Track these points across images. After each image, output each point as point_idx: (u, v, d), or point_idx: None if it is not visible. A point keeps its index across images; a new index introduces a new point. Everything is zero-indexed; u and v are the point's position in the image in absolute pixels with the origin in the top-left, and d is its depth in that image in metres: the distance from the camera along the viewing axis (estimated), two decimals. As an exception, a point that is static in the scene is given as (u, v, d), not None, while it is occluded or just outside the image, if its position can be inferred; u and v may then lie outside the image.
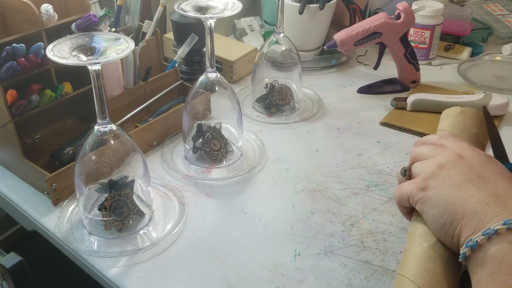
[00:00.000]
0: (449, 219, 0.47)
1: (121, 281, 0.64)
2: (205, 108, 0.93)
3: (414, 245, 0.50)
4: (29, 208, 0.76)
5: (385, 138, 0.93)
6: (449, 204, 0.47)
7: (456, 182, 0.48)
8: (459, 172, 0.49)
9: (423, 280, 0.47)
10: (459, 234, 0.46)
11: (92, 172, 0.70)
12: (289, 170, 0.85)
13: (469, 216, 0.45)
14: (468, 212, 0.46)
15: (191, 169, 0.85)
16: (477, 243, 0.44)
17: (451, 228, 0.47)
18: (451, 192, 0.48)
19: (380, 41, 1.03)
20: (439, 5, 1.15)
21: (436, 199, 0.48)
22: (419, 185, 0.50)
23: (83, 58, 0.60)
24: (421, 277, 0.47)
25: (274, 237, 0.71)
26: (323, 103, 1.05)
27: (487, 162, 0.50)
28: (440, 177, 0.49)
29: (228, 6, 0.77)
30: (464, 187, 0.47)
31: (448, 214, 0.47)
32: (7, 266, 0.75)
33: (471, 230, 0.45)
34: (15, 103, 0.74)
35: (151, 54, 1.00)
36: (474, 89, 1.10)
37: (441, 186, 0.48)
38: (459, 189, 0.47)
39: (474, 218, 0.45)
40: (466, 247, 0.45)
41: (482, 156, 0.51)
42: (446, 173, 0.49)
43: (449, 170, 0.49)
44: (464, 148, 0.52)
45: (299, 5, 1.10)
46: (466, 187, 0.47)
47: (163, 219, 0.74)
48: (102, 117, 0.66)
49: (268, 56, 1.00)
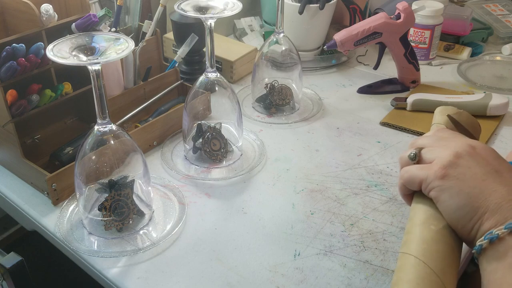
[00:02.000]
0: (470, 213, 0.47)
1: (121, 281, 0.64)
2: (205, 108, 0.93)
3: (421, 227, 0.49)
4: (29, 208, 0.76)
5: (385, 138, 0.93)
6: (472, 197, 0.47)
7: (477, 174, 0.48)
8: (477, 163, 0.49)
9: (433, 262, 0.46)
10: (478, 228, 0.46)
11: (92, 172, 0.70)
12: (289, 170, 0.85)
13: (492, 211, 0.46)
14: (492, 207, 0.46)
15: (191, 169, 0.85)
16: (497, 236, 0.44)
17: (471, 221, 0.47)
18: (473, 185, 0.47)
19: (380, 41, 1.03)
20: (439, 5, 1.15)
21: (457, 189, 0.48)
22: (438, 172, 0.49)
23: (83, 58, 0.60)
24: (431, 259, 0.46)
25: (274, 237, 0.71)
26: (323, 103, 1.05)
27: (497, 156, 0.50)
28: (460, 167, 0.49)
29: (228, 6, 0.77)
30: (486, 181, 0.47)
31: (470, 207, 0.47)
32: (7, 266, 0.75)
33: (492, 224, 0.45)
34: (15, 103, 0.74)
35: (151, 54, 1.00)
36: (474, 89, 1.10)
37: (462, 177, 0.48)
38: (481, 182, 0.47)
39: (497, 213, 0.45)
40: (485, 239, 0.45)
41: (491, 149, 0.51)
42: (465, 163, 0.49)
43: (467, 161, 0.49)
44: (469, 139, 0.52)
45: (299, 5, 1.10)
46: (488, 181, 0.47)
47: (163, 219, 0.74)
48: (102, 117, 0.66)
49: (268, 56, 1.00)
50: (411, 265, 0.46)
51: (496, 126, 0.95)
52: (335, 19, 1.21)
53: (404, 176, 0.53)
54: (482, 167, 0.48)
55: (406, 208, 0.75)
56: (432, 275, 0.45)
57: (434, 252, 0.47)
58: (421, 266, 0.46)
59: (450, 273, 0.46)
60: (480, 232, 0.46)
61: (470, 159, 0.49)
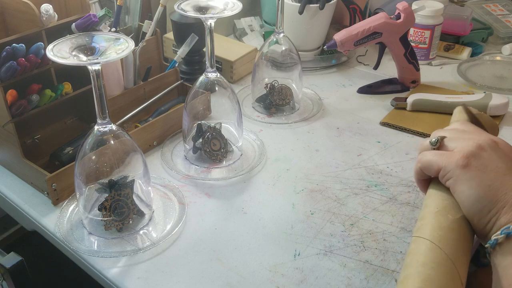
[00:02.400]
0: (489, 205, 0.46)
1: (121, 281, 0.64)
2: (205, 108, 0.93)
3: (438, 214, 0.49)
4: (29, 208, 0.76)
5: (385, 138, 0.93)
6: (492, 190, 0.47)
7: (499, 168, 0.48)
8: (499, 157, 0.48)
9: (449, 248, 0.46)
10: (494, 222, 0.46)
11: (92, 172, 0.70)
12: (289, 170, 0.85)
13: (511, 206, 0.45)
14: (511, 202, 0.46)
15: (191, 169, 0.85)
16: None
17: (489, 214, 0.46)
18: (495, 178, 0.47)
19: (380, 41, 1.03)
20: (439, 5, 1.15)
21: (478, 181, 0.47)
22: (459, 161, 0.48)
23: (83, 58, 0.60)
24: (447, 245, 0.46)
25: (274, 237, 0.71)
26: (323, 103, 1.05)
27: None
28: (482, 159, 0.48)
29: (228, 6, 0.77)
30: (508, 176, 0.47)
31: (489, 200, 0.46)
32: (7, 266, 0.75)
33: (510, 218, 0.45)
34: (15, 103, 0.74)
35: (151, 54, 1.00)
36: (474, 89, 1.10)
37: (484, 169, 0.48)
38: (503, 176, 0.47)
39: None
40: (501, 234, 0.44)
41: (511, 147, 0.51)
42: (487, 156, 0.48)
43: (489, 154, 0.49)
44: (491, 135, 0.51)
45: (299, 5, 1.10)
46: (509, 175, 0.47)
47: (163, 219, 0.74)
48: (102, 117, 0.66)
49: (268, 56, 1.00)
50: (427, 248, 0.46)
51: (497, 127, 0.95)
52: (335, 19, 1.21)
53: (422, 159, 0.52)
54: (504, 162, 0.48)
55: (406, 208, 0.75)
56: (448, 261, 0.45)
57: (450, 240, 0.46)
58: (437, 251, 0.45)
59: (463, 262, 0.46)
60: (496, 226, 0.46)
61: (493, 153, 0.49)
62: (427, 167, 0.52)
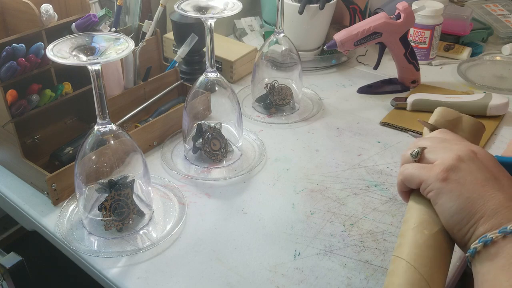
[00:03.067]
0: (468, 217, 0.48)
1: (121, 281, 0.64)
2: (205, 108, 0.93)
3: (414, 231, 0.50)
4: (29, 208, 0.76)
5: (385, 138, 0.93)
6: (470, 202, 0.48)
7: (477, 180, 0.49)
8: (478, 168, 0.49)
9: (424, 267, 0.47)
10: (473, 232, 0.47)
11: (92, 172, 0.70)
12: (289, 170, 0.85)
13: (489, 216, 0.47)
14: (489, 212, 0.47)
15: (191, 169, 0.85)
16: (491, 239, 0.45)
17: (467, 225, 0.48)
18: (473, 190, 0.48)
19: (380, 41, 1.03)
20: (439, 5, 1.15)
21: (457, 193, 0.48)
22: (439, 175, 0.50)
23: (83, 58, 0.60)
24: (422, 264, 0.47)
25: (274, 237, 0.71)
26: (323, 103, 1.05)
27: (497, 163, 0.51)
28: (461, 171, 0.49)
29: (228, 6, 0.77)
30: (486, 187, 0.48)
31: (468, 212, 0.48)
32: (7, 266, 0.75)
33: (487, 228, 0.46)
34: (15, 103, 0.74)
35: (151, 54, 1.00)
36: (474, 89, 1.10)
37: (462, 181, 0.49)
38: (481, 188, 0.48)
39: (493, 219, 0.46)
40: (479, 243, 0.46)
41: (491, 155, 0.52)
42: (466, 167, 0.49)
43: (468, 165, 0.50)
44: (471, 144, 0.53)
45: (299, 5, 1.10)
46: (487, 187, 0.48)
47: (163, 219, 0.74)
48: (102, 117, 0.66)
49: (268, 56, 1.00)
50: (403, 270, 0.48)
51: (496, 126, 0.95)
52: (335, 19, 1.21)
53: (404, 173, 0.54)
54: (483, 172, 0.49)
55: (406, 208, 0.75)
56: (422, 281, 0.47)
57: (426, 258, 0.48)
58: (411, 271, 0.47)
59: (439, 278, 0.48)
60: (474, 235, 0.47)
61: (472, 164, 0.50)
62: (409, 180, 0.53)
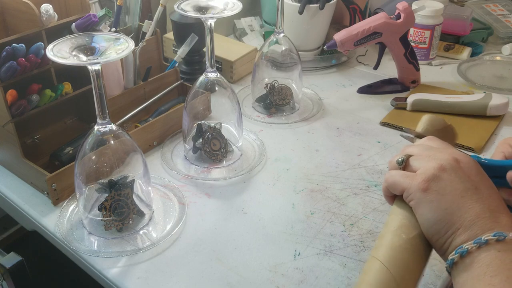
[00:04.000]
0: (446, 227, 0.49)
1: (121, 281, 0.64)
2: (205, 108, 0.93)
3: (393, 234, 0.51)
4: (29, 208, 0.76)
5: (385, 138, 0.93)
6: (448, 213, 0.49)
7: (457, 190, 0.50)
8: (459, 178, 0.51)
9: (396, 268, 0.48)
10: (450, 242, 0.49)
11: (92, 172, 0.70)
12: (289, 170, 0.85)
13: (466, 227, 0.48)
14: (466, 224, 0.48)
15: (191, 169, 0.85)
16: (467, 250, 0.47)
17: (445, 235, 0.49)
18: (452, 201, 0.49)
19: (380, 41, 1.03)
20: (439, 5, 1.15)
21: (437, 204, 0.50)
22: (420, 185, 0.51)
23: (83, 58, 0.60)
24: (395, 266, 0.49)
25: (274, 237, 0.71)
26: (323, 103, 1.05)
27: (479, 172, 0.52)
28: (442, 181, 0.51)
29: (228, 6, 0.77)
30: (464, 198, 0.49)
31: (446, 223, 0.49)
32: (7, 266, 0.75)
33: (464, 239, 0.48)
34: (15, 103, 0.74)
35: (151, 54, 1.00)
36: (474, 89, 1.10)
37: (442, 192, 0.50)
38: (460, 199, 0.49)
39: (469, 230, 0.48)
40: (455, 254, 0.47)
41: (474, 163, 0.53)
42: (447, 177, 0.51)
43: (449, 175, 0.51)
44: (456, 152, 0.54)
45: (299, 5, 1.10)
46: (466, 198, 0.49)
47: (163, 219, 0.74)
48: (102, 117, 0.66)
49: (268, 56, 1.00)
50: (375, 269, 0.49)
51: (496, 126, 0.95)
52: (335, 19, 1.21)
53: (388, 180, 0.55)
54: (463, 182, 0.50)
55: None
56: (392, 281, 0.48)
57: (399, 260, 0.49)
58: (383, 271, 0.48)
59: (410, 280, 0.49)
60: (452, 246, 0.49)
61: (453, 174, 0.51)
62: (392, 187, 0.55)
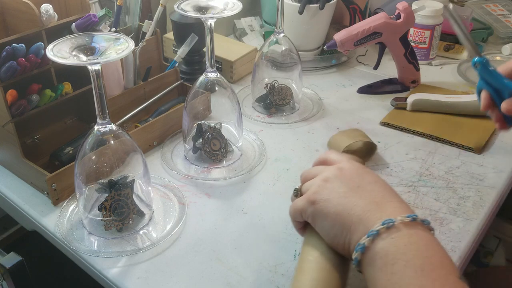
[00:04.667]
0: (340, 229, 0.51)
1: (121, 281, 0.64)
2: (205, 108, 0.93)
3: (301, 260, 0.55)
4: (29, 208, 0.76)
5: (385, 138, 0.93)
6: (337, 215, 0.51)
7: (341, 193, 0.52)
8: (341, 183, 0.53)
9: None
10: (349, 242, 0.50)
11: (92, 172, 0.70)
12: (289, 170, 0.85)
13: (356, 223, 0.50)
14: (354, 220, 0.50)
15: (191, 169, 0.85)
16: (364, 245, 0.48)
17: (342, 237, 0.51)
18: (337, 203, 0.52)
19: (380, 41, 1.03)
20: (439, 5, 1.15)
21: (326, 211, 0.52)
22: (309, 199, 0.54)
23: (83, 58, 0.60)
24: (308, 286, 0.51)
25: (274, 237, 0.71)
26: (323, 103, 1.05)
27: (362, 172, 0.54)
28: (326, 190, 0.53)
29: (228, 6, 0.77)
30: (348, 197, 0.51)
31: (339, 225, 0.51)
32: (7, 266, 0.75)
33: (359, 236, 0.49)
34: (15, 103, 0.74)
35: (151, 54, 1.00)
36: (474, 89, 1.10)
37: (328, 198, 0.52)
38: (344, 199, 0.52)
39: (360, 225, 0.49)
40: (356, 252, 0.49)
41: (358, 167, 0.55)
42: (331, 186, 0.53)
43: (332, 183, 0.53)
44: (343, 161, 0.57)
45: (299, 5, 1.10)
46: (350, 197, 0.51)
47: (163, 219, 0.74)
48: (102, 117, 0.66)
49: (268, 56, 1.00)
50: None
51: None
52: (335, 19, 1.21)
53: (290, 211, 0.58)
54: (346, 186, 0.53)
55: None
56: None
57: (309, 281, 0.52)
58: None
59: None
60: (351, 245, 0.50)
61: (336, 181, 0.53)
62: (293, 215, 0.57)
